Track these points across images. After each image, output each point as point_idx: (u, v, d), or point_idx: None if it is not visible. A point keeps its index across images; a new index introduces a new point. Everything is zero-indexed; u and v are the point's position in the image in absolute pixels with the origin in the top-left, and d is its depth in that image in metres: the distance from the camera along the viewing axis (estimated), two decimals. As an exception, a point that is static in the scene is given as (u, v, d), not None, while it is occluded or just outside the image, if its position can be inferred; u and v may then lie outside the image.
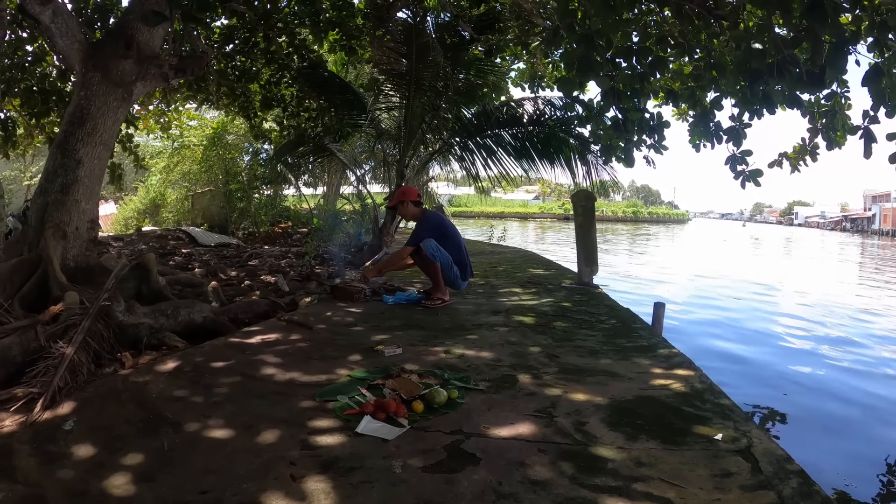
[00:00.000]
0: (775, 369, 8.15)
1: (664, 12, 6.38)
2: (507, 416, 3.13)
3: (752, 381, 7.50)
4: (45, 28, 5.90)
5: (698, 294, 15.02)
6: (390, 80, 10.32)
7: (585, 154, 10.02)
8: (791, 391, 7.17)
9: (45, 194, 5.79)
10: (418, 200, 6.77)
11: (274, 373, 3.82)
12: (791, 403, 6.73)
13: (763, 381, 7.53)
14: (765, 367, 8.26)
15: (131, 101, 6.48)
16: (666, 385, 3.73)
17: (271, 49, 9.88)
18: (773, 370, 8.11)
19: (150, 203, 21.29)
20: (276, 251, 12.52)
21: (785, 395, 6.98)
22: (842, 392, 7.19)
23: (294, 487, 2.34)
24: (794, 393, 7.11)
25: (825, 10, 3.78)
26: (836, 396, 7.02)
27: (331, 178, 21.66)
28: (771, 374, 7.89)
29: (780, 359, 8.75)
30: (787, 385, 7.41)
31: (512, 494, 2.31)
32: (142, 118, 12.26)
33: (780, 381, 7.59)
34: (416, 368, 3.90)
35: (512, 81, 12.62)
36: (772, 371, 8.06)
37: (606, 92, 5.35)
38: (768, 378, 7.70)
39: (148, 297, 5.62)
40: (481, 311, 6.11)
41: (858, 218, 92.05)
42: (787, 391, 7.15)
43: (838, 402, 6.83)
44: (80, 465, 2.51)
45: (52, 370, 3.36)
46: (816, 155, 7.52)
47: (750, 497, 2.33)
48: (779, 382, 7.51)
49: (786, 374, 7.95)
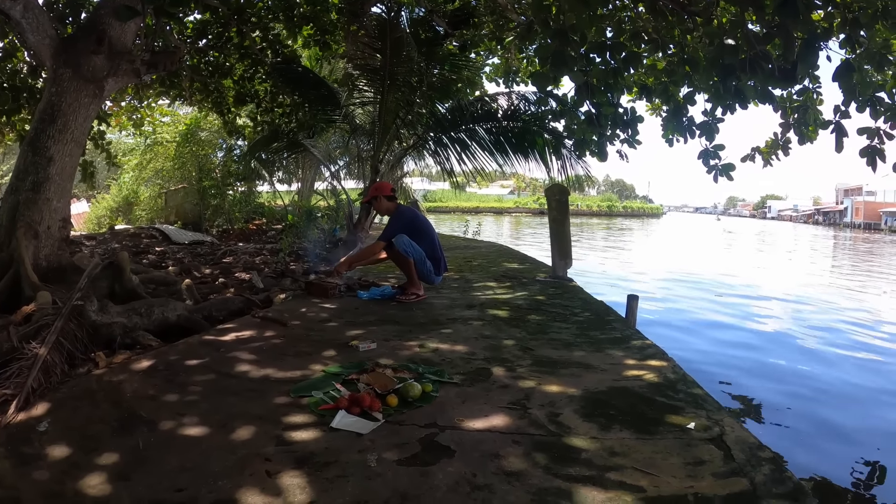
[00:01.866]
0: (755, 360, 8.26)
1: (638, 8, 6.44)
2: (481, 408, 3.16)
3: (729, 371, 7.59)
4: (16, 23, 5.81)
5: (671, 287, 15.14)
6: (365, 76, 10.33)
7: (559, 148, 10.08)
8: (771, 383, 7.26)
9: (15, 193, 5.71)
10: (392, 195, 6.76)
11: (248, 370, 3.81)
12: (766, 393, 6.84)
13: (745, 372, 7.61)
14: (744, 358, 8.36)
15: (103, 97, 6.40)
16: (639, 376, 3.78)
17: (245, 44, 9.80)
18: (754, 361, 8.21)
19: (123, 201, 21.02)
20: (250, 248, 12.44)
21: (763, 386, 7.08)
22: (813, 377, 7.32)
23: (269, 483, 2.34)
24: (771, 383, 7.21)
25: (797, 6, 3.83)
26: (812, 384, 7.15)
27: (305, 174, 21.56)
28: (752, 366, 7.98)
29: (759, 351, 8.87)
30: (767, 376, 7.50)
31: (486, 486, 2.34)
32: (114, 115, 12.10)
33: (760, 372, 7.69)
34: (391, 363, 3.91)
35: (486, 76, 12.63)
36: (752, 362, 8.16)
37: (580, 87, 5.39)
38: (750, 369, 7.79)
39: (121, 296, 5.58)
40: (456, 306, 6.13)
41: (831, 211, 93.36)
42: (766, 382, 7.25)
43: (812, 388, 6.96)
44: (55, 465, 2.49)
45: (25, 371, 3.32)
46: (789, 149, 7.61)
47: (722, 484, 2.37)
48: (759, 373, 7.60)
49: (766, 365, 8.07)
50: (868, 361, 8.45)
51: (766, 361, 8.25)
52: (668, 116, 7.07)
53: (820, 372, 7.74)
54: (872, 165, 5.80)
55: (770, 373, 7.66)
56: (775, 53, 4.57)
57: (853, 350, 9.03)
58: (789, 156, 7.66)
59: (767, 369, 7.84)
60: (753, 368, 7.82)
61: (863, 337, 9.95)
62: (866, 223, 73.71)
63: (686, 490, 2.32)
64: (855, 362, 8.35)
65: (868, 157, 5.79)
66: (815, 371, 7.79)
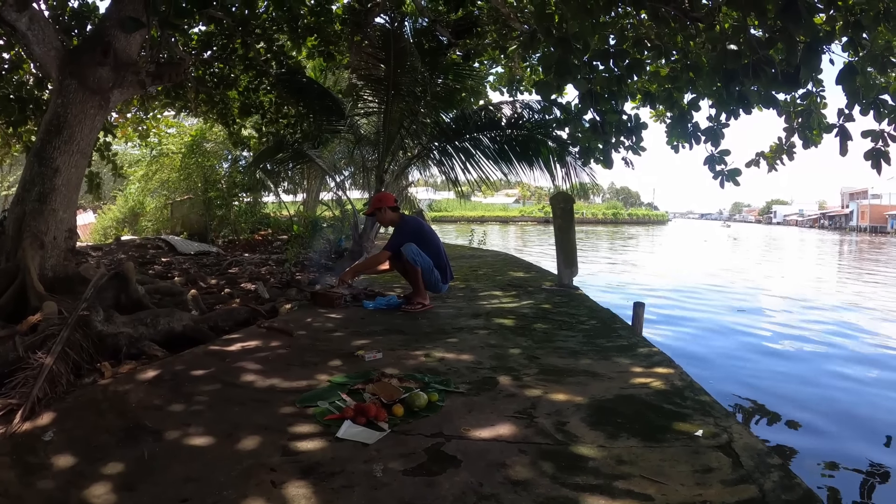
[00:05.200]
0: (760, 367, 8.21)
1: (640, 15, 6.44)
2: (487, 417, 3.14)
3: (735, 378, 7.55)
4: (22, 35, 5.86)
5: (679, 294, 15.09)
6: (369, 86, 10.36)
7: (564, 156, 10.07)
8: (775, 388, 7.23)
9: (22, 203, 5.75)
10: (395, 206, 6.74)
11: (254, 380, 3.80)
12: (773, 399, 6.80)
13: (747, 379, 7.57)
14: (749, 365, 8.31)
15: (108, 108, 6.44)
16: (646, 383, 3.76)
17: (249, 55, 9.84)
18: (757, 368, 8.16)
19: (129, 212, 21.09)
20: (256, 259, 12.47)
21: (769, 392, 7.04)
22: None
23: (274, 493, 2.33)
24: (776, 388, 7.17)
25: (799, 10, 3.83)
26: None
27: (310, 184, 21.59)
28: (757, 373, 7.93)
29: (768, 358, 8.82)
30: (772, 383, 7.46)
31: (493, 495, 2.32)
32: (120, 126, 12.17)
33: (765, 378, 7.65)
34: (397, 372, 3.90)
35: (490, 85, 12.67)
36: (756, 369, 8.12)
37: (584, 94, 5.39)
38: (754, 376, 7.75)
39: (127, 306, 5.59)
40: (462, 315, 6.12)
41: (836, 215, 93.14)
42: (771, 389, 7.20)
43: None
44: (60, 475, 2.48)
45: (30, 381, 3.32)
46: (793, 154, 7.61)
47: (731, 491, 2.35)
48: (764, 380, 7.56)
49: (773, 372, 8.01)
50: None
51: (776, 368, 8.19)
52: (672, 123, 7.08)
53: (828, 380, 7.69)
54: (877, 168, 5.78)
55: (779, 379, 7.61)
56: (778, 58, 4.58)
57: (866, 352, 8.98)
58: (794, 160, 7.67)
59: (777, 376, 7.79)
60: (763, 375, 7.76)
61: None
62: (872, 226, 73.50)
63: (695, 498, 2.30)
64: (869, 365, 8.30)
65: (872, 159, 5.77)
66: (826, 378, 7.74)
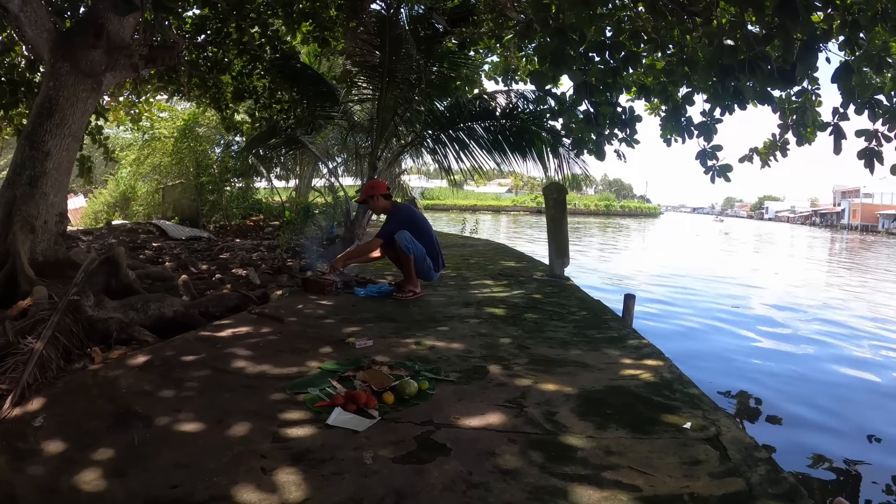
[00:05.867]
0: (747, 361, 8.26)
1: (638, 7, 6.44)
2: (477, 406, 3.16)
3: (724, 372, 7.59)
4: (14, 17, 5.80)
5: (670, 288, 15.13)
6: (363, 72, 10.33)
7: (557, 147, 10.08)
8: (763, 381, 7.27)
9: (12, 187, 5.70)
10: (388, 193, 6.73)
11: (244, 366, 3.80)
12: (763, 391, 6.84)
13: (736, 373, 7.61)
14: (738, 358, 8.36)
15: (101, 91, 6.39)
16: (635, 375, 3.78)
17: (243, 40, 9.77)
18: (745, 362, 8.21)
19: (121, 196, 20.97)
20: (247, 244, 12.42)
21: (757, 386, 7.08)
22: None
23: (265, 480, 2.34)
24: (766, 383, 7.22)
25: (797, 7, 3.83)
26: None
27: (303, 170, 21.51)
28: (745, 366, 7.98)
29: (756, 352, 8.87)
30: (760, 376, 7.51)
31: (482, 484, 2.34)
32: (112, 109, 12.05)
33: (753, 372, 7.69)
34: (387, 360, 3.91)
35: (485, 74, 12.65)
36: (744, 363, 8.16)
37: (579, 86, 5.39)
38: (742, 369, 7.79)
39: (118, 291, 5.56)
40: (453, 303, 6.13)
41: (828, 213, 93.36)
42: (760, 382, 7.24)
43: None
44: (50, 461, 2.48)
45: (20, 366, 3.31)
46: (787, 150, 7.62)
47: (718, 484, 2.37)
48: (752, 373, 7.60)
49: (760, 365, 8.06)
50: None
51: (766, 363, 8.23)
52: (666, 116, 7.08)
53: (818, 373, 7.75)
54: (870, 167, 5.81)
55: (769, 373, 7.65)
56: (774, 54, 4.57)
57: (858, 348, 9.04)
58: (787, 157, 7.68)
59: (766, 370, 7.83)
60: (752, 369, 7.81)
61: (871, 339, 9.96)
62: (863, 225, 73.76)
63: (682, 490, 2.32)
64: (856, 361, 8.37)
65: (866, 159, 5.80)
66: (812, 371, 7.80)
